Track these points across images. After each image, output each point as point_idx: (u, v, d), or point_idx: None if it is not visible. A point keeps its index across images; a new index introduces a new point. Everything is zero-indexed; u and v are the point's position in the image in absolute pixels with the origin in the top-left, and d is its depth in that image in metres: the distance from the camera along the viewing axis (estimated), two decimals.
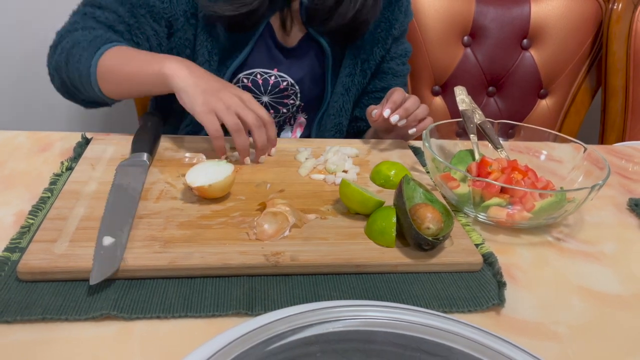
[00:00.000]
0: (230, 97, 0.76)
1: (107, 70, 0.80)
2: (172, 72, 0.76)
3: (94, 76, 0.81)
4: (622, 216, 0.78)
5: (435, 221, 0.60)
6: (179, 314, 0.51)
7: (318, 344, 0.40)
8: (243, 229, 0.63)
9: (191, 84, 0.76)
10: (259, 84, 0.98)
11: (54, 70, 0.87)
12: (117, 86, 0.82)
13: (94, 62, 0.80)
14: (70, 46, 0.83)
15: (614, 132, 1.46)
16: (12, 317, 0.49)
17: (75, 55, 0.82)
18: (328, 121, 1.04)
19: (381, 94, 1.07)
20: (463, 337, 0.41)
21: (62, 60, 0.84)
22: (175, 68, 0.77)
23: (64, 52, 0.84)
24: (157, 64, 0.78)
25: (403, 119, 0.84)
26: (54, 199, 0.66)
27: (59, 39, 0.87)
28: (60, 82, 0.87)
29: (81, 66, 0.81)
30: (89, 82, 0.81)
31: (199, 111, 0.75)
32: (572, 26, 1.40)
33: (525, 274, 0.63)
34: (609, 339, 0.54)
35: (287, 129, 1.06)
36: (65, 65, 0.83)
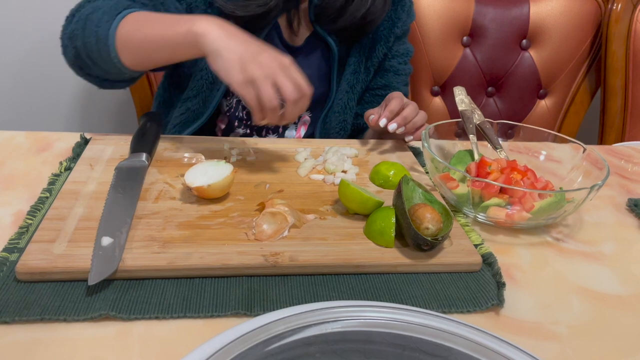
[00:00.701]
0: (269, 62, 0.68)
1: (128, 35, 0.74)
2: (203, 31, 0.68)
3: (112, 40, 0.74)
4: (621, 216, 0.78)
5: (435, 221, 0.60)
6: (178, 315, 0.51)
7: (317, 345, 0.40)
8: (242, 229, 0.63)
9: (227, 46, 0.68)
10: None
11: (68, 40, 0.80)
12: (137, 52, 0.76)
13: (114, 24, 0.74)
14: (89, 12, 0.78)
15: (613, 132, 1.47)
16: (10, 317, 0.49)
17: (94, 20, 0.76)
18: (333, 119, 1.04)
19: (381, 91, 1.08)
20: (462, 337, 0.41)
21: (79, 27, 0.78)
22: (207, 27, 0.69)
23: (81, 20, 0.78)
24: (186, 23, 0.70)
25: (401, 127, 0.84)
26: (53, 199, 0.66)
27: (76, 9, 0.82)
28: (74, 53, 0.80)
29: (100, 30, 0.74)
30: (107, 48, 0.75)
31: (236, 80, 0.68)
32: (572, 26, 1.40)
33: (525, 274, 0.63)
34: (608, 339, 0.54)
35: (292, 128, 1.07)
36: (81, 31, 0.77)
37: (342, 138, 1.06)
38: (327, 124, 1.05)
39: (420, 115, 0.87)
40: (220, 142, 0.85)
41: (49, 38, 1.55)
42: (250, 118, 1.01)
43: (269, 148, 0.85)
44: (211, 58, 0.69)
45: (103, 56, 0.77)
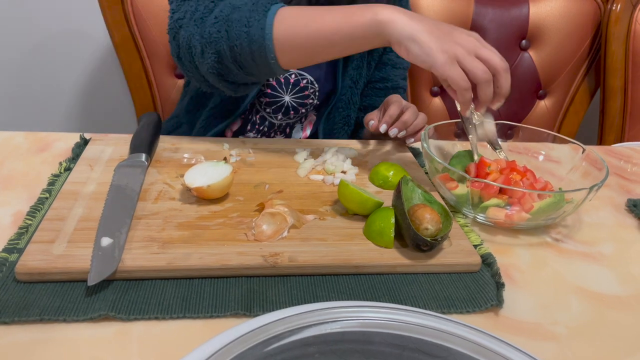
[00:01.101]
0: (466, 39, 0.66)
1: (292, 33, 0.70)
2: (390, 18, 0.66)
3: (269, 40, 0.70)
4: (620, 217, 0.78)
5: (434, 222, 0.60)
6: (177, 315, 0.51)
7: (316, 345, 0.40)
8: (241, 230, 0.63)
9: (419, 29, 0.65)
10: (281, 82, 0.98)
11: (207, 45, 0.74)
12: (303, 50, 0.72)
13: (268, 22, 0.70)
14: (228, 12, 0.72)
15: (613, 133, 1.47)
16: (10, 317, 0.49)
17: (241, 20, 0.71)
18: (337, 115, 1.04)
19: (380, 84, 1.08)
20: (461, 338, 0.41)
21: (221, 29, 0.72)
22: (392, 14, 0.66)
23: (219, 21, 0.73)
24: (365, 12, 0.67)
25: (402, 131, 0.84)
26: (52, 199, 0.66)
27: (202, 12, 0.75)
28: (215, 59, 0.74)
29: (252, 30, 0.70)
30: (263, 49, 0.70)
31: (441, 61, 0.64)
32: (571, 27, 1.41)
33: (524, 275, 0.63)
34: (607, 340, 0.54)
35: (298, 128, 1.07)
36: (226, 33, 0.72)
37: (346, 133, 1.06)
38: (330, 120, 1.05)
39: (420, 118, 0.87)
40: (219, 143, 0.85)
41: (49, 38, 1.55)
42: (263, 122, 1.02)
43: (268, 148, 0.85)
44: (403, 45, 0.66)
45: (257, 59, 0.72)
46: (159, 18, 1.24)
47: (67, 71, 1.62)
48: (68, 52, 1.59)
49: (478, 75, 0.65)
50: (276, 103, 0.98)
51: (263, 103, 0.99)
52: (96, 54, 1.61)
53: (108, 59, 1.61)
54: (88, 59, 1.61)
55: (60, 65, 1.60)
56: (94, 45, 1.59)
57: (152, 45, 1.26)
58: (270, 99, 0.98)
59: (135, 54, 1.26)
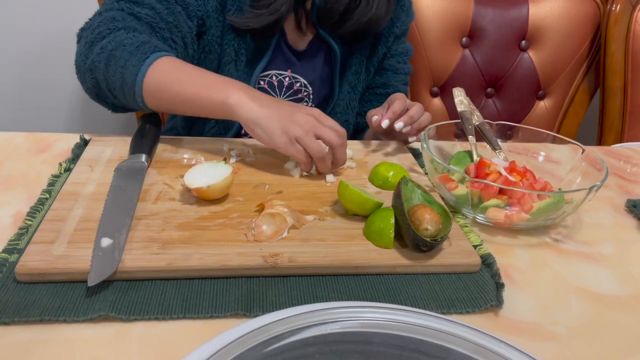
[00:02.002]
0: (305, 119, 0.73)
1: (158, 87, 0.76)
2: (238, 103, 0.72)
3: (139, 88, 0.76)
4: (620, 217, 0.78)
5: (434, 222, 0.60)
6: (177, 315, 0.51)
7: (316, 345, 0.40)
8: (241, 230, 0.63)
9: (263, 115, 0.72)
10: (274, 86, 0.98)
11: (88, 70, 0.79)
12: (167, 103, 0.78)
13: (142, 71, 0.75)
14: (113, 47, 0.77)
15: (612, 133, 1.47)
16: (10, 318, 0.49)
17: (120, 59, 0.76)
18: (335, 119, 1.04)
19: (380, 89, 1.09)
20: (461, 338, 0.41)
21: (102, 60, 0.77)
22: (240, 99, 0.73)
23: (104, 52, 0.77)
24: (220, 92, 0.74)
25: (408, 126, 0.85)
26: (52, 200, 0.66)
27: (95, 36, 0.80)
28: (93, 84, 0.80)
29: (126, 73, 0.75)
30: (132, 92, 0.76)
31: (282, 143, 0.72)
32: (571, 27, 1.41)
33: (524, 275, 0.63)
34: (607, 340, 0.54)
35: None
36: (105, 67, 0.77)
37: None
38: None
39: (426, 116, 0.88)
40: (219, 143, 0.85)
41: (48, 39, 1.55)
42: None
43: (268, 149, 0.85)
44: (249, 127, 0.73)
45: (127, 97, 0.78)
46: None
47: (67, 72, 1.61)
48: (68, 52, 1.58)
49: (314, 154, 0.73)
50: None
51: None
52: None
53: None
54: None
55: (61, 66, 1.60)
56: None
57: None
58: None
59: None
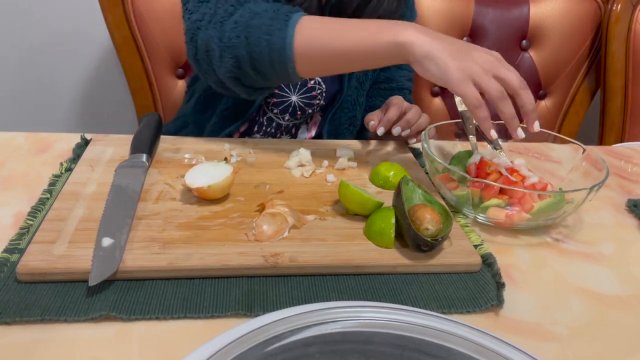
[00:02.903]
0: (484, 58, 0.67)
1: (311, 45, 0.70)
2: (411, 40, 0.67)
3: (289, 50, 0.70)
4: (620, 217, 0.78)
5: (434, 222, 0.60)
6: (178, 315, 0.51)
7: (317, 345, 0.40)
8: (242, 230, 0.63)
9: (438, 48, 0.66)
10: (289, 84, 0.98)
11: (226, 49, 0.74)
12: (323, 63, 0.73)
13: (289, 32, 0.70)
14: (248, 18, 0.73)
15: (613, 133, 1.47)
16: (11, 318, 0.49)
17: (261, 27, 0.71)
18: (342, 115, 1.04)
19: (385, 84, 1.09)
20: (462, 338, 0.41)
21: (241, 34, 0.72)
22: (413, 35, 0.67)
23: (239, 26, 0.73)
24: (385, 33, 0.68)
25: (405, 130, 0.85)
26: (53, 200, 0.66)
27: (222, 15, 0.75)
28: (233, 64, 0.74)
29: (272, 39, 0.70)
30: (283, 59, 0.71)
31: (456, 79, 0.65)
32: (571, 27, 1.41)
33: (524, 275, 0.63)
34: (608, 340, 0.54)
35: (303, 129, 1.07)
36: (245, 40, 0.72)
37: (351, 134, 1.06)
38: (336, 120, 1.05)
39: (424, 118, 0.88)
40: (220, 143, 0.85)
41: (49, 38, 1.55)
42: (270, 124, 1.02)
43: (269, 149, 0.85)
44: (422, 64, 0.67)
45: (275, 66, 0.73)
46: (160, 18, 1.24)
47: (67, 72, 1.62)
48: (69, 52, 1.59)
49: (492, 94, 0.66)
50: (283, 103, 0.98)
51: (270, 104, 0.99)
52: (97, 55, 1.61)
53: (109, 60, 1.61)
54: (89, 59, 1.62)
55: (61, 65, 1.60)
56: (95, 46, 1.59)
57: (152, 45, 1.26)
58: (278, 99, 0.98)
59: (136, 55, 1.26)
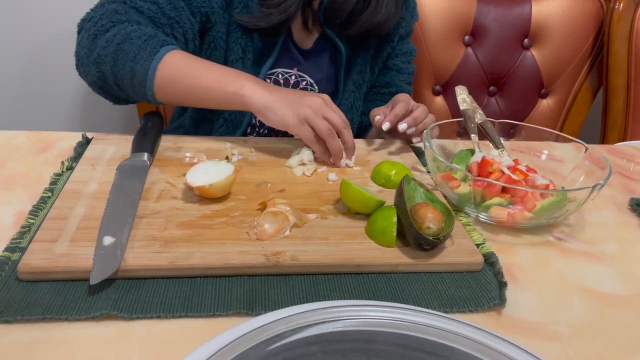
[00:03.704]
0: (314, 102, 0.77)
1: (170, 81, 0.78)
2: (251, 94, 0.76)
3: (150, 81, 0.77)
4: (623, 216, 0.78)
5: (436, 221, 0.60)
6: (179, 314, 0.51)
7: (318, 344, 0.40)
8: (243, 229, 0.63)
9: (273, 100, 0.76)
10: (280, 84, 0.98)
11: (93, 64, 0.79)
12: (179, 96, 0.81)
13: (153, 66, 0.76)
14: (120, 40, 0.77)
15: (616, 132, 1.46)
16: (12, 316, 0.49)
17: (129, 53, 0.76)
18: None
19: (384, 89, 1.09)
20: (464, 337, 0.41)
21: (109, 54, 0.77)
22: (253, 88, 0.77)
23: (110, 46, 0.77)
24: (233, 83, 0.77)
25: (411, 127, 0.85)
26: (55, 198, 0.66)
27: (99, 29, 0.80)
28: (98, 77, 0.80)
29: (137, 67, 0.76)
30: (143, 86, 0.77)
31: (292, 124, 0.76)
32: (573, 26, 1.40)
33: (526, 274, 0.62)
34: (610, 339, 0.54)
35: None
36: (113, 61, 0.77)
37: None
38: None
39: (430, 118, 0.88)
40: (221, 142, 0.85)
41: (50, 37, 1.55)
42: (263, 125, 1.02)
43: (270, 147, 0.85)
44: (262, 113, 0.77)
45: (136, 90, 0.79)
46: None
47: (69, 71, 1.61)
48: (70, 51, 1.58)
49: (323, 132, 0.76)
50: None
51: None
52: None
53: None
54: None
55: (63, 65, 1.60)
56: None
57: None
58: None
59: None
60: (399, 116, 0.85)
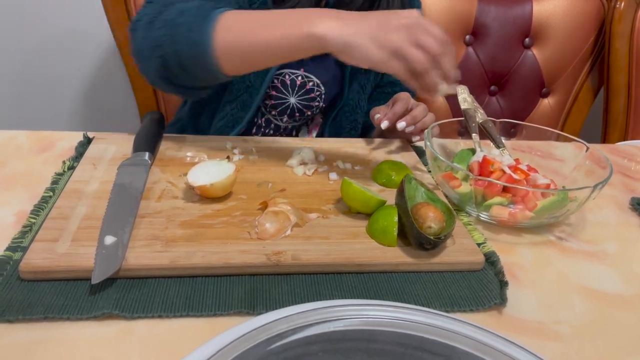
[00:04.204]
0: (404, 24, 0.65)
1: (231, 40, 0.70)
2: (325, 31, 0.66)
3: (209, 45, 0.70)
4: (624, 215, 0.77)
5: (437, 220, 0.60)
6: (181, 314, 0.51)
7: (319, 344, 0.40)
8: (244, 228, 0.63)
9: (353, 33, 0.65)
10: (287, 84, 0.98)
11: (152, 48, 0.74)
12: (243, 57, 0.72)
13: (209, 28, 0.70)
14: (174, 16, 0.73)
15: (617, 131, 1.46)
16: (14, 316, 0.49)
17: (184, 24, 0.71)
18: (344, 119, 1.04)
19: (388, 88, 1.08)
20: (465, 336, 0.41)
21: (166, 33, 0.73)
22: (327, 26, 0.66)
23: (166, 25, 0.73)
24: (302, 25, 0.67)
25: (411, 126, 0.84)
26: (56, 198, 0.66)
27: (152, 15, 0.75)
28: (161, 62, 0.75)
29: (193, 35, 0.71)
30: (204, 55, 0.71)
31: (379, 60, 0.64)
32: (574, 25, 1.40)
33: (527, 274, 0.62)
34: (611, 339, 0.54)
35: (304, 131, 1.07)
36: (170, 38, 0.72)
37: (353, 137, 1.05)
38: (337, 124, 1.05)
39: (429, 117, 0.88)
40: (222, 141, 0.85)
41: (51, 37, 1.56)
42: (268, 125, 1.02)
43: (271, 147, 0.85)
44: (344, 53, 0.66)
45: (199, 63, 0.73)
46: None
47: (70, 70, 1.62)
48: (71, 51, 1.59)
49: (416, 68, 0.64)
50: (281, 105, 0.98)
51: (268, 105, 0.99)
52: (99, 53, 1.61)
53: (111, 58, 1.61)
54: (91, 58, 1.62)
55: (64, 64, 1.60)
56: (97, 45, 1.59)
57: None
58: (276, 101, 0.98)
59: None
60: (397, 115, 0.85)
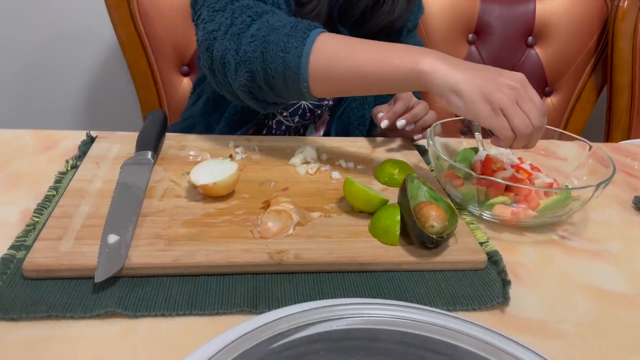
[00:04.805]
0: (511, 86, 0.63)
1: (327, 65, 0.68)
2: (430, 68, 0.64)
3: (305, 70, 0.68)
4: (627, 214, 0.77)
5: (440, 219, 0.60)
6: (184, 312, 0.51)
7: (322, 342, 0.40)
8: (247, 227, 0.63)
9: (461, 80, 0.63)
10: None
11: (241, 63, 0.72)
12: (338, 84, 0.70)
13: (305, 51, 0.68)
14: (266, 33, 0.70)
15: (620, 130, 1.46)
16: (17, 314, 0.49)
17: (278, 44, 0.69)
18: (351, 115, 1.04)
19: None
20: (468, 335, 0.41)
21: (257, 49, 0.70)
22: (433, 63, 0.64)
23: (256, 40, 0.70)
24: (406, 58, 0.65)
25: (411, 124, 0.84)
26: (59, 197, 0.67)
27: (239, 27, 0.72)
28: (248, 78, 0.72)
29: (288, 57, 0.68)
30: (297, 77, 0.69)
31: (484, 113, 0.63)
32: (578, 23, 1.40)
33: (530, 273, 0.62)
34: (614, 338, 0.54)
35: (311, 129, 1.07)
36: (261, 55, 0.70)
37: (361, 133, 1.05)
38: (344, 120, 1.04)
39: (430, 115, 0.87)
40: (225, 140, 0.85)
41: (54, 36, 1.56)
42: (279, 127, 1.01)
43: (274, 146, 0.85)
44: (445, 95, 0.64)
45: (289, 84, 0.71)
46: (165, 16, 1.24)
47: (73, 70, 1.63)
48: (74, 50, 1.59)
49: (520, 130, 0.63)
50: (293, 106, 0.98)
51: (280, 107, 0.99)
52: (102, 52, 1.62)
53: (114, 57, 1.62)
54: (94, 57, 1.62)
55: (67, 63, 1.61)
56: (100, 44, 1.60)
57: (157, 43, 1.26)
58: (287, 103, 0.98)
59: (141, 52, 1.26)
60: (397, 114, 0.85)
